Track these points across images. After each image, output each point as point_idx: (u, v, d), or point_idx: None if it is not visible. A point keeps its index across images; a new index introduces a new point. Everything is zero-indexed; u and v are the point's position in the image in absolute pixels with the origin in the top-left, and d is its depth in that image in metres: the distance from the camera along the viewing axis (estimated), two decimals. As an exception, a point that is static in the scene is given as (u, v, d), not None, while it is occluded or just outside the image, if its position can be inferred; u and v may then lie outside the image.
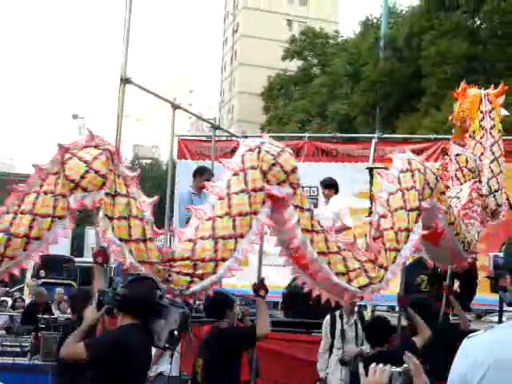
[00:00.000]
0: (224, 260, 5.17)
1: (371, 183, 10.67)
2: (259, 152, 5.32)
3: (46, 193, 4.99)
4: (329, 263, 5.49)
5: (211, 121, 13.52)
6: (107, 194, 5.00)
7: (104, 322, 5.21)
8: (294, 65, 44.37)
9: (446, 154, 8.62)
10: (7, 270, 4.98)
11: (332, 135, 14.72)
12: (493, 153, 8.56)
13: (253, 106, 51.46)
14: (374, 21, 36.51)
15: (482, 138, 8.67)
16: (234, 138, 13.70)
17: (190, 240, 5.17)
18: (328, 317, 8.46)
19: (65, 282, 22.27)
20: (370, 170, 10.87)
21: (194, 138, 15.62)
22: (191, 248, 5.15)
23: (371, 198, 8.58)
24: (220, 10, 74.59)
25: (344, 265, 5.58)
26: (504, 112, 8.92)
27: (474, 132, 8.80)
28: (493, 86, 9.25)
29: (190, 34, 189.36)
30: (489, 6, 21.59)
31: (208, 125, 14.83)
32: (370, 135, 14.60)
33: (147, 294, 4.72)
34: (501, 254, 7.97)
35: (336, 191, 10.68)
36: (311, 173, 12.89)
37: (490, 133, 8.65)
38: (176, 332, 4.76)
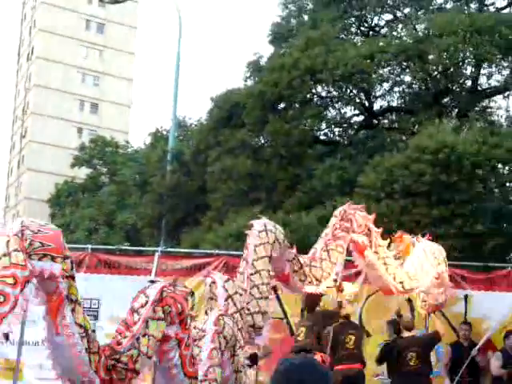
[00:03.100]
0: None
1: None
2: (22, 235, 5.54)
3: None
4: None
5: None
6: None
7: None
8: (82, 172, 44.05)
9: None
10: None
11: (115, 247, 14.64)
12: None
13: (39, 213, 50.08)
14: (164, 133, 37.32)
15: None
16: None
17: None
18: None
19: None
20: (152, 282, 10.84)
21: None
22: None
23: None
24: (9, 115, 73.01)
25: None
26: None
27: None
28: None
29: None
30: (272, 127, 22.62)
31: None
32: (154, 248, 14.64)
33: None
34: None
35: None
36: (93, 285, 12.69)
37: None
38: None
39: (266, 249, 8.55)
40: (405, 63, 22.52)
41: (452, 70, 21.78)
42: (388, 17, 26.63)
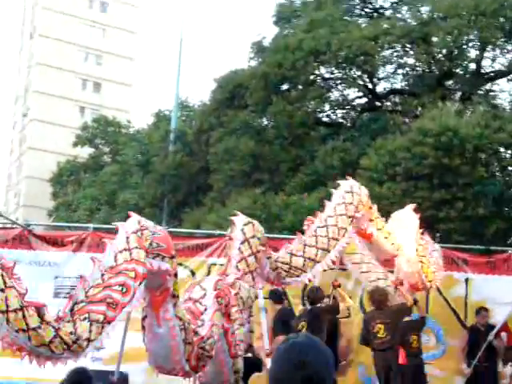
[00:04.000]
0: None
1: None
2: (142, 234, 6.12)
3: None
4: None
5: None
6: None
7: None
8: (84, 152, 44.00)
9: None
10: None
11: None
12: None
13: (41, 192, 50.07)
14: (167, 113, 37.26)
15: None
16: (16, 226, 13.26)
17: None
18: None
19: None
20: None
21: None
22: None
23: None
24: (11, 93, 72.83)
25: None
26: None
27: None
28: None
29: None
30: (275, 108, 22.61)
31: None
32: (157, 228, 14.62)
33: None
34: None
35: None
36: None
37: None
38: None
39: (348, 209, 9.36)
40: (409, 45, 22.46)
41: (456, 52, 21.72)
42: (392, -2, 26.50)
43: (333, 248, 9.16)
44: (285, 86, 23.67)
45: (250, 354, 9.16)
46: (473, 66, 22.89)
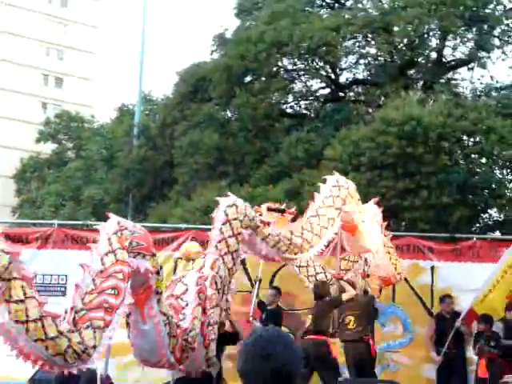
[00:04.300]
0: None
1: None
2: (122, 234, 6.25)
3: None
4: None
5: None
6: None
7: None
8: (48, 148, 43.56)
9: None
10: None
11: (82, 223, 14.53)
12: None
13: (4, 189, 49.54)
14: (130, 107, 37.00)
15: None
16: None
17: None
18: None
19: None
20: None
21: None
22: None
23: None
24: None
25: None
26: None
27: None
28: None
29: None
30: (239, 100, 22.56)
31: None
32: (121, 223, 14.53)
33: None
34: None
35: None
36: (60, 260, 12.62)
37: None
38: None
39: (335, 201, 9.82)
40: (370, 35, 22.56)
41: (417, 41, 21.85)
42: (353, -11, 26.55)
43: (323, 236, 9.65)
44: (248, 78, 23.63)
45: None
46: (434, 55, 23.06)
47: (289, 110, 25.33)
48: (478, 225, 19.70)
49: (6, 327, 5.33)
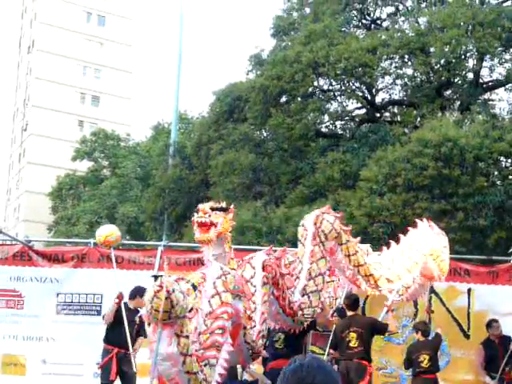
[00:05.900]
0: None
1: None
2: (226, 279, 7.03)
3: None
4: None
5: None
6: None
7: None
8: (84, 165, 44.00)
9: None
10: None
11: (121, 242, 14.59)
12: None
13: (40, 206, 50.06)
14: (166, 126, 37.27)
15: None
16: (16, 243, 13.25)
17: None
18: None
19: None
20: (155, 277, 10.82)
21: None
22: None
23: None
24: (9, 108, 72.81)
25: None
26: None
27: None
28: None
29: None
30: (274, 121, 22.60)
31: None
32: (156, 243, 14.59)
33: None
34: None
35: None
36: (95, 280, 12.68)
37: None
38: None
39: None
40: (407, 56, 22.49)
41: (454, 62, 21.72)
42: (390, 10, 26.59)
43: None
44: (284, 99, 23.67)
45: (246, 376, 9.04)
46: (471, 75, 22.93)
47: (324, 130, 25.30)
48: (515, 247, 19.45)
49: (174, 357, 6.19)
